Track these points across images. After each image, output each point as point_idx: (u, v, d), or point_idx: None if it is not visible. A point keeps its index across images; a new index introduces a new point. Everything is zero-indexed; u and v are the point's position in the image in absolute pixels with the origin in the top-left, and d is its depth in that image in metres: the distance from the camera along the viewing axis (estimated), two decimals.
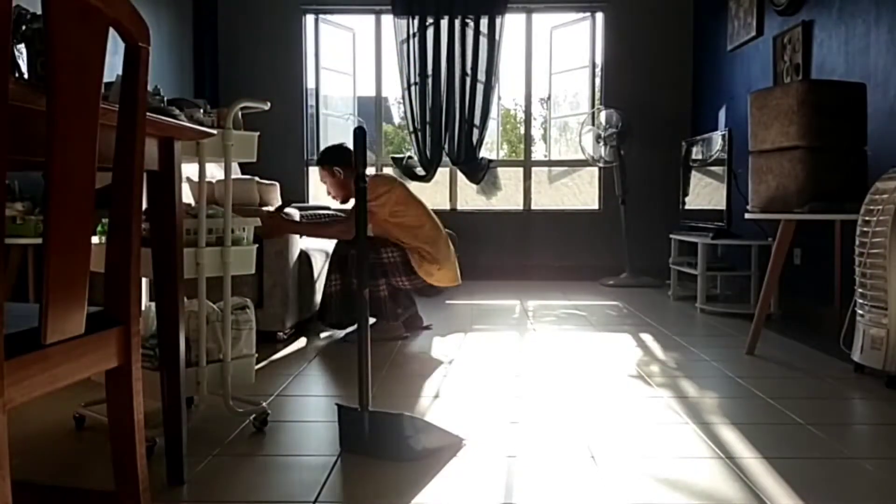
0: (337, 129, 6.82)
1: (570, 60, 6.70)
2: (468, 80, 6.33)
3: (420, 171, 6.45)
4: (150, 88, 1.52)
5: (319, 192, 6.73)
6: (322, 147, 6.71)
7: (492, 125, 6.55)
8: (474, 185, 6.63)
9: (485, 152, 6.55)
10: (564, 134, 7.00)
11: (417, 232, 3.76)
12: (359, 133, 2.04)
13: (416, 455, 1.96)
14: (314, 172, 6.68)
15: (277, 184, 3.96)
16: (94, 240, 1.49)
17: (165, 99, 1.87)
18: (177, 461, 1.78)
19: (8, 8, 1.00)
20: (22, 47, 1.48)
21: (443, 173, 6.62)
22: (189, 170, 3.17)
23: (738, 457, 1.99)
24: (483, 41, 6.32)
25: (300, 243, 3.85)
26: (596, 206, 6.67)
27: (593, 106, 6.53)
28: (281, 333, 3.64)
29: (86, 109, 1.21)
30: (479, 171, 6.49)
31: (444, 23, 6.28)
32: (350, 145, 3.81)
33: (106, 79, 1.30)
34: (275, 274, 3.60)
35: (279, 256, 3.61)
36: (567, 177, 6.94)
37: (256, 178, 3.77)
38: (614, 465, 1.92)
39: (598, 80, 6.62)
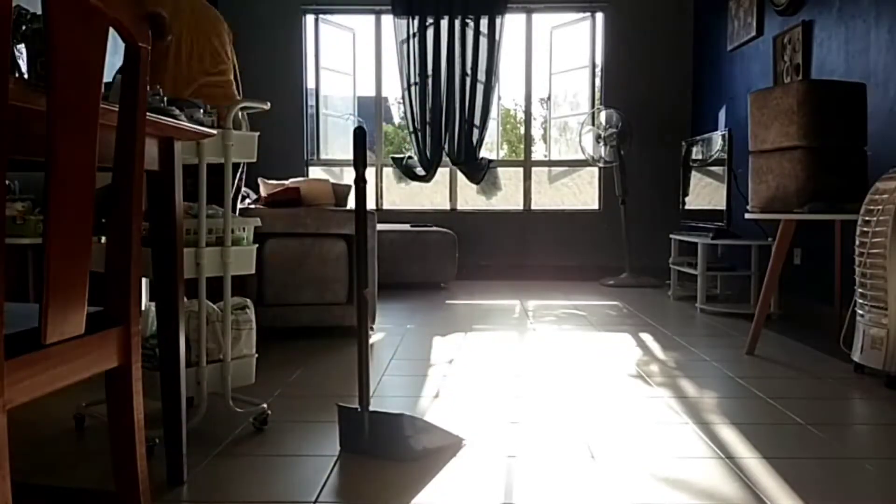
0: (337, 129, 6.82)
1: (570, 60, 6.70)
2: (468, 80, 6.33)
3: (420, 171, 6.45)
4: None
5: None
6: (322, 146, 6.73)
7: (492, 125, 6.55)
8: (474, 185, 6.63)
9: (485, 152, 6.55)
10: (564, 134, 7.00)
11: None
12: (359, 133, 2.04)
13: (416, 455, 1.96)
14: (314, 173, 6.68)
15: (352, 184, 4.13)
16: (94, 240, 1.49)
17: (165, 99, 1.87)
18: (177, 461, 1.78)
19: (8, 8, 1.00)
20: (22, 47, 1.48)
21: (443, 173, 6.63)
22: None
23: (738, 457, 1.99)
24: (483, 41, 6.32)
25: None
26: (596, 206, 6.67)
27: (593, 106, 6.53)
28: (370, 328, 3.83)
29: (86, 109, 1.21)
30: (479, 171, 6.49)
31: (444, 23, 6.29)
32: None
33: (106, 79, 1.30)
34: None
35: (371, 253, 3.77)
36: (567, 177, 6.95)
37: (331, 180, 3.92)
38: (614, 465, 1.92)
39: (598, 80, 6.62)
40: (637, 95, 6.40)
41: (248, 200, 3.72)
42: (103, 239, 2.02)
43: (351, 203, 4.28)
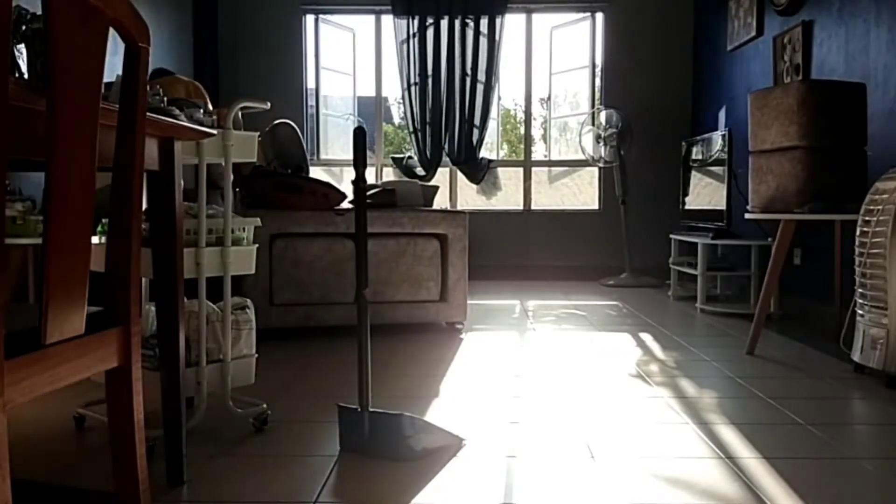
0: (337, 129, 6.82)
1: (570, 60, 6.70)
2: (468, 80, 6.33)
3: (420, 171, 6.45)
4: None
5: None
6: (322, 146, 6.73)
7: (492, 125, 6.55)
8: (474, 185, 6.63)
9: (485, 152, 6.55)
10: (564, 134, 7.00)
11: None
12: (359, 133, 2.04)
13: (416, 455, 1.96)
14: (314, 173, 6.67)
15: (439, 185, 4.41)
16: (94, 240, 1.49)
17: (165, 99, 1.87)
18: (177, 461, 1.78)
19: (8, 8, 1.00)
20: (22, 47, 1.48)
21: (443, 173, 6.62)
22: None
23: (738, 457, 1.99)
24: (483, 41, 6.32)
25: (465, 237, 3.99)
26: (596, 206, 6.67)
27: (593, 106, 6.53)
28: (460, 325, 3.93)
29: (86, 109, 1.21)
30: (479, 171, 6.49)
31: (444, 23, 6.29)
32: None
33: (106, 79, 1.30)
34: (459, 269, 3.86)
35: (463, 252, 3.87)
36: (567, 177, 6.95)
37: (419, 182, 4.00)
38: (614, 465, 1.92)
39: (598, 80, 6.62)
40: (637, 95, 6.40)
41: (346, 202, 3.78)
42: (103, 239, 2.03)
43: (437, 204, 4.37)
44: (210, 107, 2.26)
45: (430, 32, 6.32)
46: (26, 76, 1.49)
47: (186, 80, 3.21)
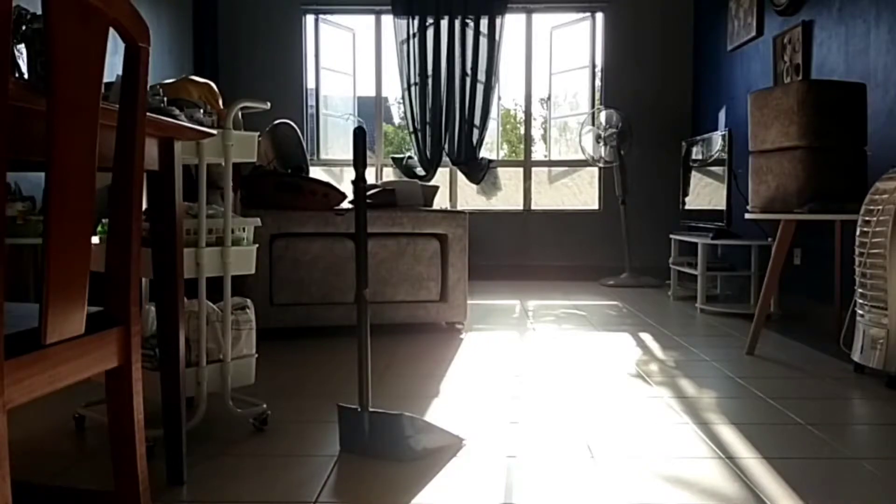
0: (337, 129, 6.82)
1: (570, 60, 6.70)
2: (468, 80, 6.33)
3: (420, 171, 6.45)
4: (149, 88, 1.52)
5: None
6: (322, 147, 6.73)
7: (492, 125, 6.55)
8: (474, 185, 6.63)
9: (485, 152, 6.55)
10: (564, 134, 7.00)
11: None
12: (359, 133, 2.04)
13: (416, 455, 1.96)
14: (314, 173, 6.67)
15: (439, 185, 4.45)
16: (94, 240, 1.49)
17: (165, 99, 1.87)
18: (177, 461, 1.78)
19: (8, 8, 1.00)
20: (22, 47, 1.47)
21: (443, 173, 6.62)
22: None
23: (738, 457, 1.99)
24: (483, 41, 6.32)
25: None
26: (596, 206, 6.67)
27: (593, 106, 6.53)
28: (460, 325, 3.92)
29: (86, 109, 1.21)
30: (479, 171, 6.49)
31: (444, 23, 6.29)
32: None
33: (106, 79, 1.30)
34: (459, 269, 3.85)
35: (463, 252, 3.86)
36: (567, 177, 6.95)
37: (419, 182, 4.03)
38: (614, 465, 1.92)
39: (598, 80, 6.62)
40: (637, 95, 6.40)
41: (345, 202, 3.78)
42: (103, 238, 2.03)
43: (437, 204, 4.38)
44: (221, 106, 2.26)
45: (430, 32, 6.32)
46: (26, 76, 1.49)
47: (201, 81, 3.15)
